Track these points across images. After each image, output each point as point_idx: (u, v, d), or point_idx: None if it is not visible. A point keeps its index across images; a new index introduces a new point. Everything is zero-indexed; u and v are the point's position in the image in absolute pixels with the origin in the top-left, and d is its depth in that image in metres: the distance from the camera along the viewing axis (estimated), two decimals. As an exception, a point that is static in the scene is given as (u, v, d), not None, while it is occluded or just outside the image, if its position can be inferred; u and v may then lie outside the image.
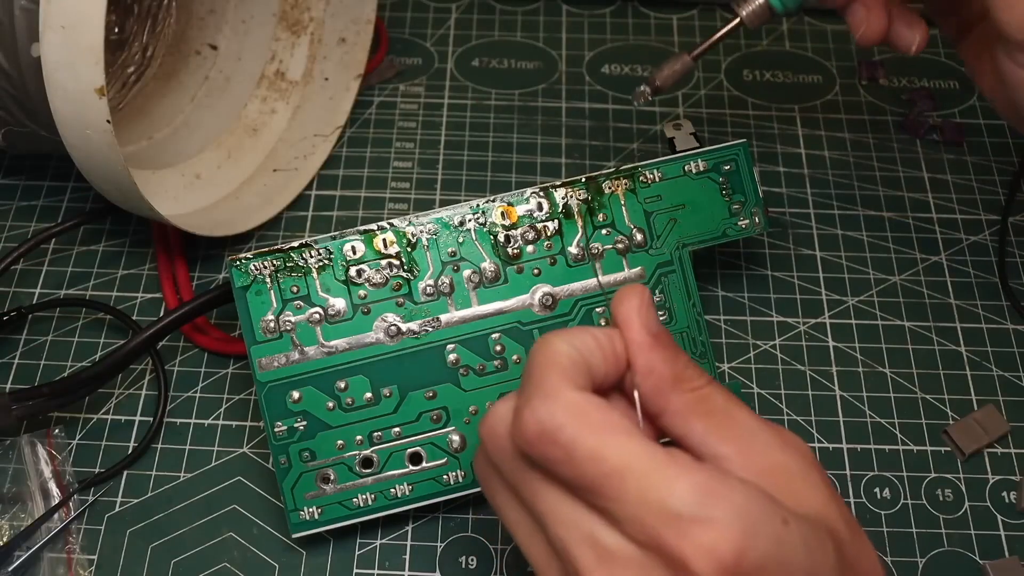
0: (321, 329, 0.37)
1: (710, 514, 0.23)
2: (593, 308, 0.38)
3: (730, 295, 0.44)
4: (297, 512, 0.36)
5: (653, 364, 0.27)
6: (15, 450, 0.39)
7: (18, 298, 0.44)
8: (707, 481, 0.24)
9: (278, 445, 0.36)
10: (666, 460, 0.24)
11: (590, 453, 0.25)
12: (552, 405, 0.25)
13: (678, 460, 0.25)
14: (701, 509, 0.24)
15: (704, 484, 0.24)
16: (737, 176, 0.39)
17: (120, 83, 0.49)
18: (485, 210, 0.37)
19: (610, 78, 0.52)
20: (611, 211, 0.38)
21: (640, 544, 0.24)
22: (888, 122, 0.50)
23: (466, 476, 0.37)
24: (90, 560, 0.38)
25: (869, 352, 0.42)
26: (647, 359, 0.27)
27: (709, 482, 0.24)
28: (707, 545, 0.23)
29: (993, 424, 0.40)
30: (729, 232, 0.39)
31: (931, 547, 0.38)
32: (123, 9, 0.48)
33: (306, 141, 0.49)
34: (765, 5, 0.35)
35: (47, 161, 0.49)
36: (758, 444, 0.27)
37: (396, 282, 0.37)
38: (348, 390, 0.36)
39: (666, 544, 0.24)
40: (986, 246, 0.45)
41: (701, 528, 0.23)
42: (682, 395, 0.27)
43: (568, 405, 0.25)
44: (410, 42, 0.54)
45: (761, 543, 0.24)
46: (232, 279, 0.36)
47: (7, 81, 0.39)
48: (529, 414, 0.25)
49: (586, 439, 0.25)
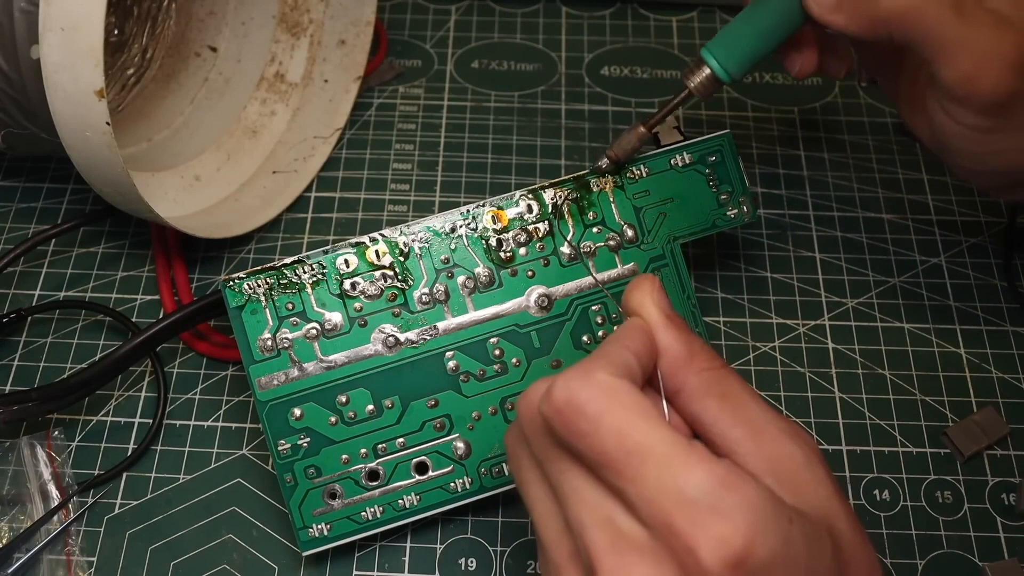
0: (319, 344, 0.36)
1: (724, 505, 0.24)
2: (589, 307, 0.38)
3: (729, 297, 0.44)
4: (306, 530, 0.36)
5: (668, 343, 0.28)
6: (15, 452, 0.39)
7: (17, 300, 0.45)
8: (725, 474, 0.24)
9: (283, 464, 0.36)
10: (687, 448, 0.25)
11: (615, 429, 0.25)
12: (585, 381, 0.26)
13: (698, 450, 0.25)
14: (716, 499, 0.24)
15: (722, 476, 0.24)
16: (723, 167, 0.39)
17: (120, 85, 0.49)
18: (476, 215, 0.38)
19: (609, 80, 0.52)
20: (601, 209, 0.38)
21: (653, 529, 0.24)
22: (887, 124, 0.50)
23: (473, 483, 0.37)
24: (89, 562, 0.38)
25: (868, 354, 0.42)
26: (662, 338, 0.28)
27: (727, 475, 0.24)
28: (718, 535, 0.23)
29: (993, 426, 0.40)
30: (719, 223, 0.39)
31: (930, 549, 0.38)
32: (123, 11, 0.48)
33: (305, 143, 0.49)
34: (712, 76, 0.36)
35: (47, 163, 0.49)
36: (768, 432, 0.27)
37: (391, 293, 0.37)
38: (349, 404, 0.36)
39: (678, 529, 0.24)
40: (986, 248, 0.45)
41: (714, 518, 0.24)
42: (698, 374, 0.28)
43: (600, 383, 0.26)
44: (409, 44, 0.54)
45: (770, 540, 0.24)
46: (226, 300, 0.36)
47: (7, 83, 0.39)
48: (562, 385, 0.26)
49: (613, 415, 0.25)
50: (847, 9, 0.33)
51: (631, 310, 0.29)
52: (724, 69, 0.36)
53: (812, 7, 0.34)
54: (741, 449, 0.27)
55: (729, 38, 0.36)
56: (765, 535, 0.24)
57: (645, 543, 0.25)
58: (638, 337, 0.28)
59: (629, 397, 0.26)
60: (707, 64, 0.36)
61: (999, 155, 0.35)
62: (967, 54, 0.32)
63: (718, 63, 0.36)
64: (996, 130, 0.34)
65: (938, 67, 0.33)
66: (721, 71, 0.36)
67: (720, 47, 0.36)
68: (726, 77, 0.36)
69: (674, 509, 0.24)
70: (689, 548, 0.24)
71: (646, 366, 0.28)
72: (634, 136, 0.38)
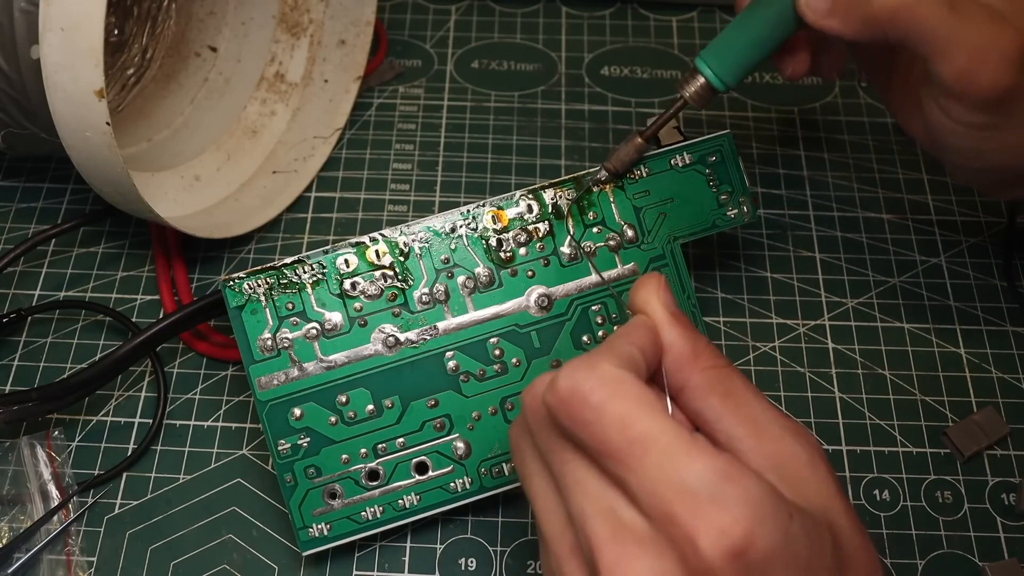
0: (319, 344, 0.36)
1: (725, 497, 0.24)
2: (589, 307, 0.38)
3: (729, 297, 0.44)
4: (306, 529, 0.36)
5: (673, 340, 0.28)
6: (15, 452, 0.39)
7: (17, 300, 0.45)
8: (726, 466, 0.25)
9: (282, 463, 0.36)
10: (689, 440, 0.25)
11: (618, 419, 0.25)
12: (590, 371, 0.26)
13: (700, 442, 0.25)
14: (717, 491, 0.24)
15: (723, 468, 0.24)
16: (723, 167, 0.39)
17: (120, 85, 0.49)
18: (476, 215, 0.38)
19: (609, 80, 0.52)
20: (601, 209, 0.38)
21: (654, 520, 0.25)
22: (887, 124, 0.50)
23: (472, 483, 0.37)
24: (89, 562, 0.38)
25: (868, 354, 0.42)
26: (667, 335, 0.28)
27: (728, 467, 0.25)
28: (719, 526, 0.24)
29: (993, 426, 0.40)
30: (719, 223, 0.39)
31: (930, 549, 0.38)
32: (123, 11, 0.48)
33: (305, 143, 0.49)
34: (707, 85, 0.36)
35: (46, 163, 0.49)
36: (771, 430, 0.27)
37: (391, 292, 0.37)
38: (349, 404, 0.36)
39: (678, 520, 0.24)
40: (986, 248, 0.45)
41: (715, 509, 0.24)
42: (702, 372, 0.28)
43: (605, 373, 0.26)
44: (409, 44, 0.54)
45: (770, 533, 0.24)
46: (226, 300, 0.36)
47: (7, 83, 0.39)
48: (567, 375, 0.26)
49: (616, 405, 0.25)
50: (840, 13, 0.33)
51: (637, 307, 0.30)
52: (719, 78, 0.36)
53: (806, 13, 0.34)
54: (743, 446, 0.27)
55: (723, 46, 0.36)
56: (765, 528, 0.24)
57: (646, 534, 0.25)
58: (643, 333, 0.28)
59: (633, 388, 0.26)
60: (701, 73, 0.36)
61: (995, 152, 0.35)
62: (963, 50, 0.32)
63: (713, 72, 0.36)
64: (992, 127, 0.34)
65: (934, 64, 0.33)
66: (716, 80, 0.36)
67: (714, 56, 0.36)
68: (721, 87, 0.36)
69: (675, 499, 0.24)
70: (689, 538, 0.24)
71: (651, 361, 0.28)
72: (631, 148, 0.38)
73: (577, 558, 0.26)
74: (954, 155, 0.36)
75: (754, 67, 0.36)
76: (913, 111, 0.37)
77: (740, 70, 0.36)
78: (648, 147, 0.38)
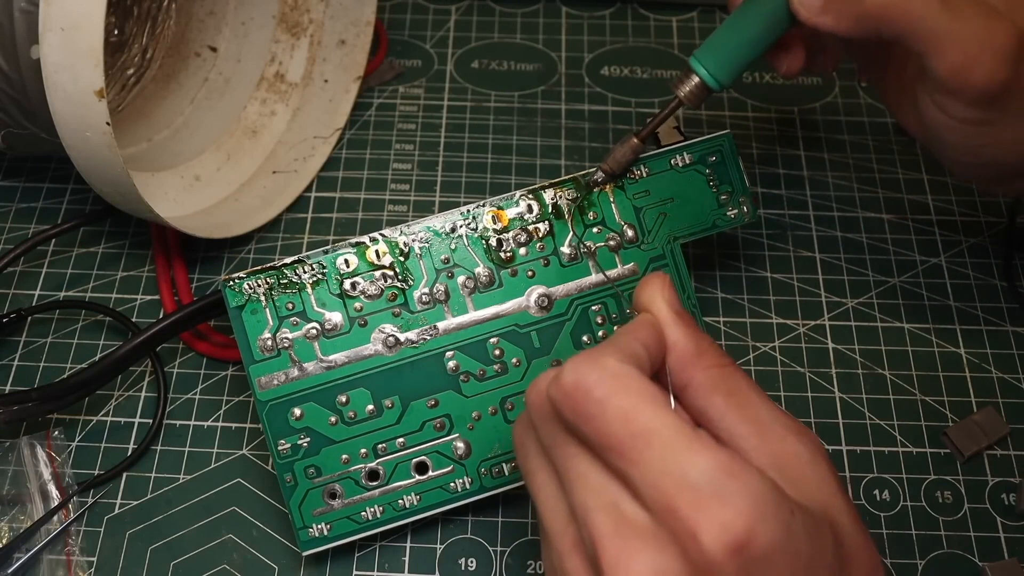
0: (319, 344, 0.36)
1: (727, 491, 0.24)
2: (589, 307, 0.38)
3: (729, 297, 0.44)
4: (306, 529, 0.36)
5: (677, 339, 0.28)
6: (15, 452, 0.39)
7: (17, 300, 0.45)
8: (728, 461, 0.25)
9: (282, 463, 0.36)
10: (692, 435, 0.25)
11: (621, 412, 0.25)
12: (593, 365, 0.26)
13: (703, 437, 0.25)
14: (719, 485, 0.24)
15: (725, 463, 0.24)
16: (723, 167, 0.39)
17: (120, 85, 0.49)
18: (476, 215, 0.38)
19: (610, 80, 0.52)
20: (601, 209, 0.38)
21: (656, 514, 0.25)
22: (887, 124, 0.50)
23: (472, 483, 0.37)
24: (89, 562, 0.38)
25: (868, 354, 0.42)
26: (671, 333, 0.29)
27: (730, 463, 0.25)
28: (720, 521, 0.24)
29: (993, 426, 0.40)
30: (719, 223, 0.39)
31: (930, 549, 0.38)
32: (123, 11, 0.48)
33: (305, 143, 0.49)
34: (701, 84, 0.37)
35: (46, 163, 0.49)
36: (774, 429, 0.27)
37: (391, 292, 0.37)
38: (349, 404, 0.36)
39: (680, 513, 0.24)
40: (986, 248, 0.45)
41: (717, 503, 0.24)
42: (706, 370, 0.28)
43: (609, 367, 0.26)
44: (409, 44, 0.54)
45: (771, 529, 0.24)
46: (226, 300, 0.36)
47: (7, 83, 0.39)
48: (571, 369, 0.26)
49: (620, 399, 0.25)
50: (834, 10, 0.33)
51: (641, 306, 0.30)
52: (714, 77, 0.36)
53: (800, 11, 0.34)
54: (746, 444, 0.27)
55: (717, 45, 0.36)
56: (767, 523, 0.24)
57: (648, 528, 0.25)
58: (648, 331, 0.28)
59: (636, 382, 0.26)
60: (696, 73, 0.36)
61: (991, 147, 0.35)
62: (957, 46, 0.32)
63: (707, 71, 0.36)
64: (988, 122, 0.34)
65: (929, 60, 0.33)
66: (711, 79, 0.36)
67: (708, 55, 0.36)
68: (716, 86, 0.36)
69: (677, 493, 0.24)
70: (691, 532, 0.24)
71: (654, 358, 0.28)
72: (628, 148, 0.38)
73: (579, 553, 0.26)
74: (950, 150, 0.36)
75: (748, 65, 0.36)
76: (909, 107, 0.37)
77: (734, 69, 0.36)
78: (644, 147, 0.38)
